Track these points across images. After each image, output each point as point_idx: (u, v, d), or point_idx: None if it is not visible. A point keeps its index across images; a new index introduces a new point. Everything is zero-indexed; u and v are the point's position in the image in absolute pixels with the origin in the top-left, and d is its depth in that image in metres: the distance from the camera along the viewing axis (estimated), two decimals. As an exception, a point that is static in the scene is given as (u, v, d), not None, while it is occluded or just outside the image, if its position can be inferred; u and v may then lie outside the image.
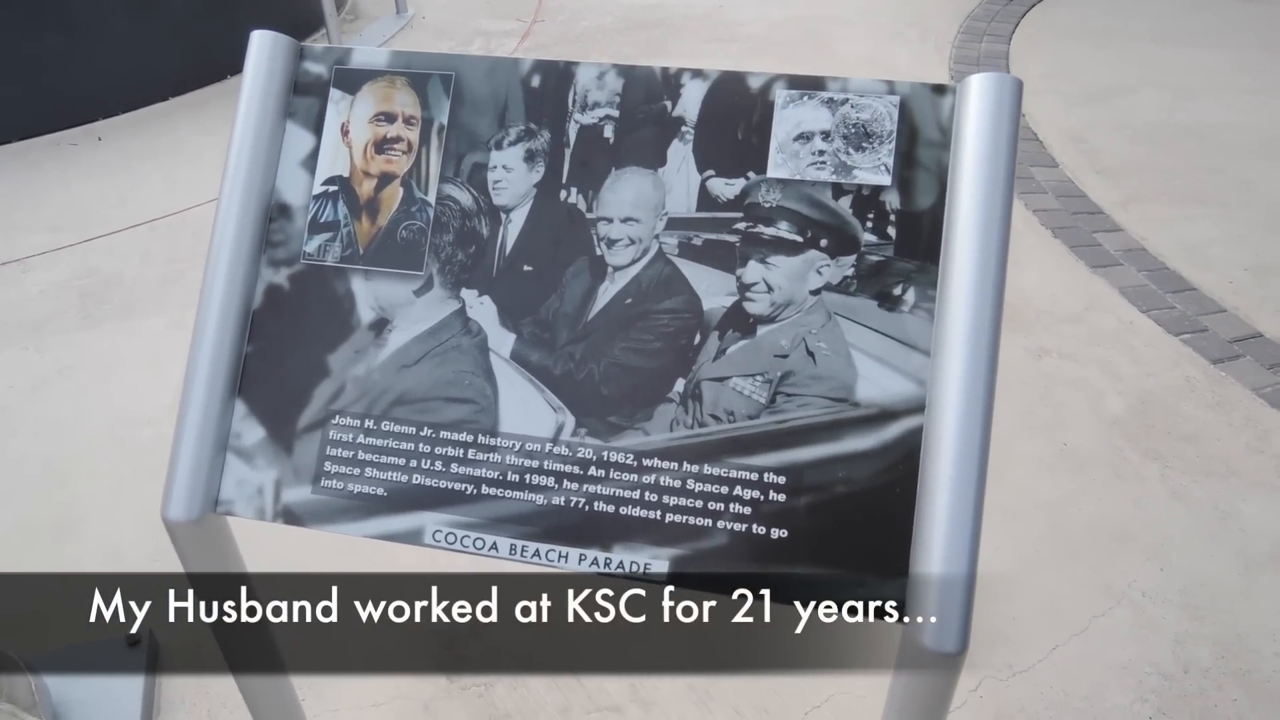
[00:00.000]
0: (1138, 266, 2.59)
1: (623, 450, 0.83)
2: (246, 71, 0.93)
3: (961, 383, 0.74)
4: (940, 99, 0.82)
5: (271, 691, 1.08)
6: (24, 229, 2.80)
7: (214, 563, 0.92)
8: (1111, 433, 1.99)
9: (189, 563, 0.91)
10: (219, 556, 0.92)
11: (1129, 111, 3.50)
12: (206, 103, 3.65)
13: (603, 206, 0.86)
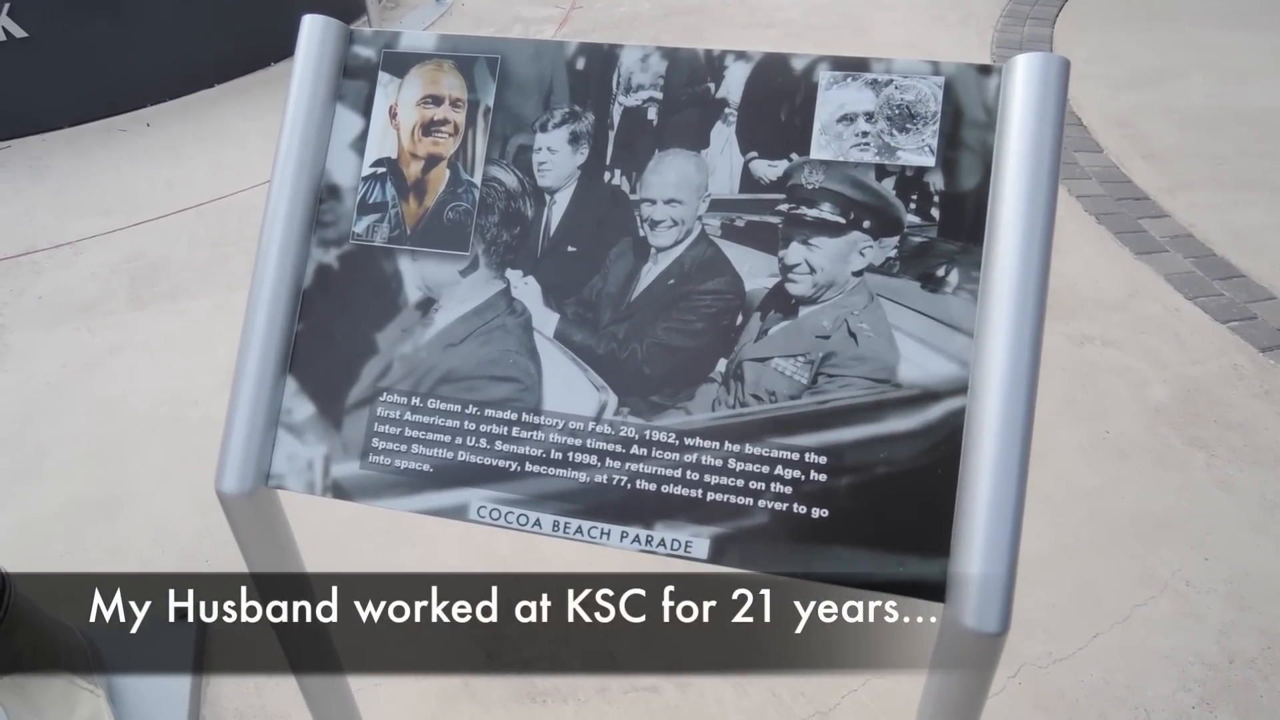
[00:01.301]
0: (1184, 253, 2.54)
1: (665, 429, 0.84)
2: (298, 55, 0.94)
3: (1005, 364, 0.73)
4: (986, 79, 0.82)
5: (319, 663, 1.11)
6: (76, 213, 2.87)
7: (264, 536, 0.94)
8: (1155, 421, 1.96)
9: (241, 535, 0.94)
10: (269, 530, 0.95)
11: (1176, 96, 3.42)
12: (251, 89, 3.70)
13: (646, 188, 0.87)
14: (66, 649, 1.33)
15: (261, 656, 1.56)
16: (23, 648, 1.23)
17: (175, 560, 1.72)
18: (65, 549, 1.75)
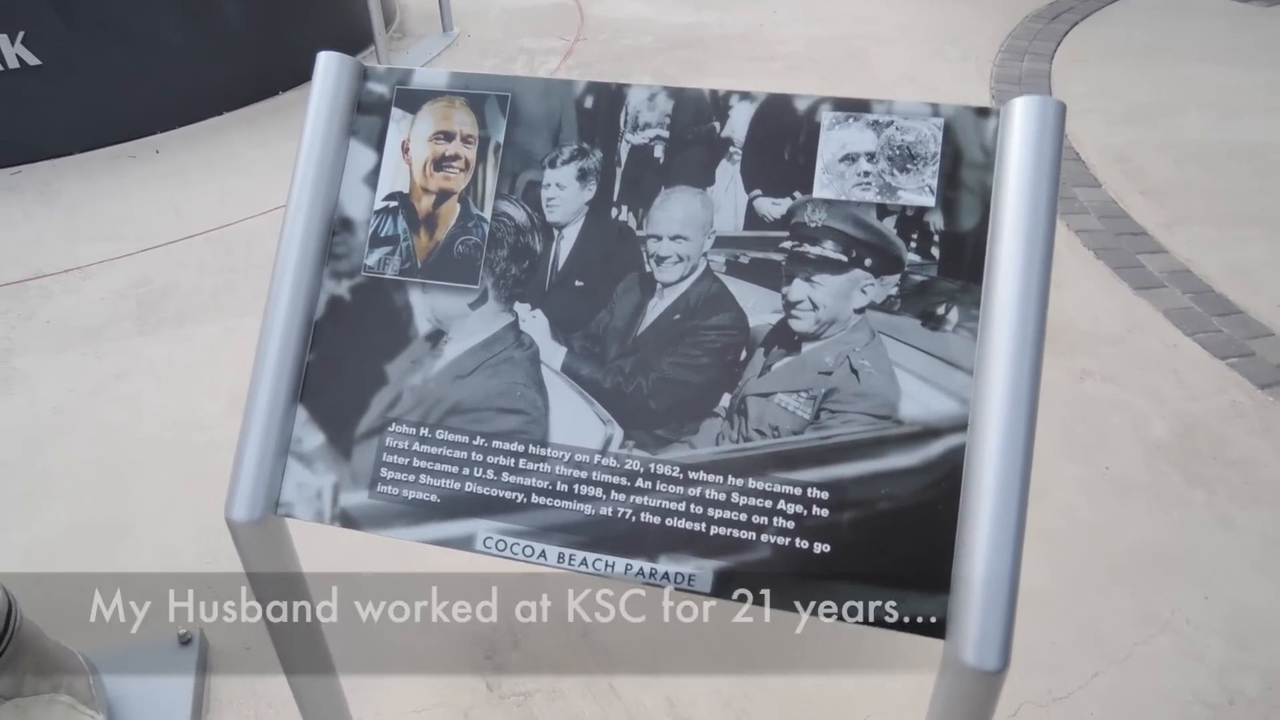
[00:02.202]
0: (1182, 289, 2.56)
1: (669, 463, 0.85)
2: (313, 91, 0.97)
3: (1004, 401, 0.75)
4: (984, 121, 0.84)
5: (321, 691, 1.11)
6: (85, 238, 2.90)
7: (272, 563, 0.95)
8: (1155, 457, 1.97)
9: (249, 562, 0.94)
10: (277, 557, 0.95)
11: (1174, 131, 3.46)
12: (259, 117, 3.75)
13: (652, 224, 0.89)
14: (69, 673, 1.33)
15: (262, 683, 1.56)
16: (27, 671, 1.23)
17: (179, 584, 1.73)
18: (70, 572, 1.75)
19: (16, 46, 3.23)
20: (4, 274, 2.73)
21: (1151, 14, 4.75)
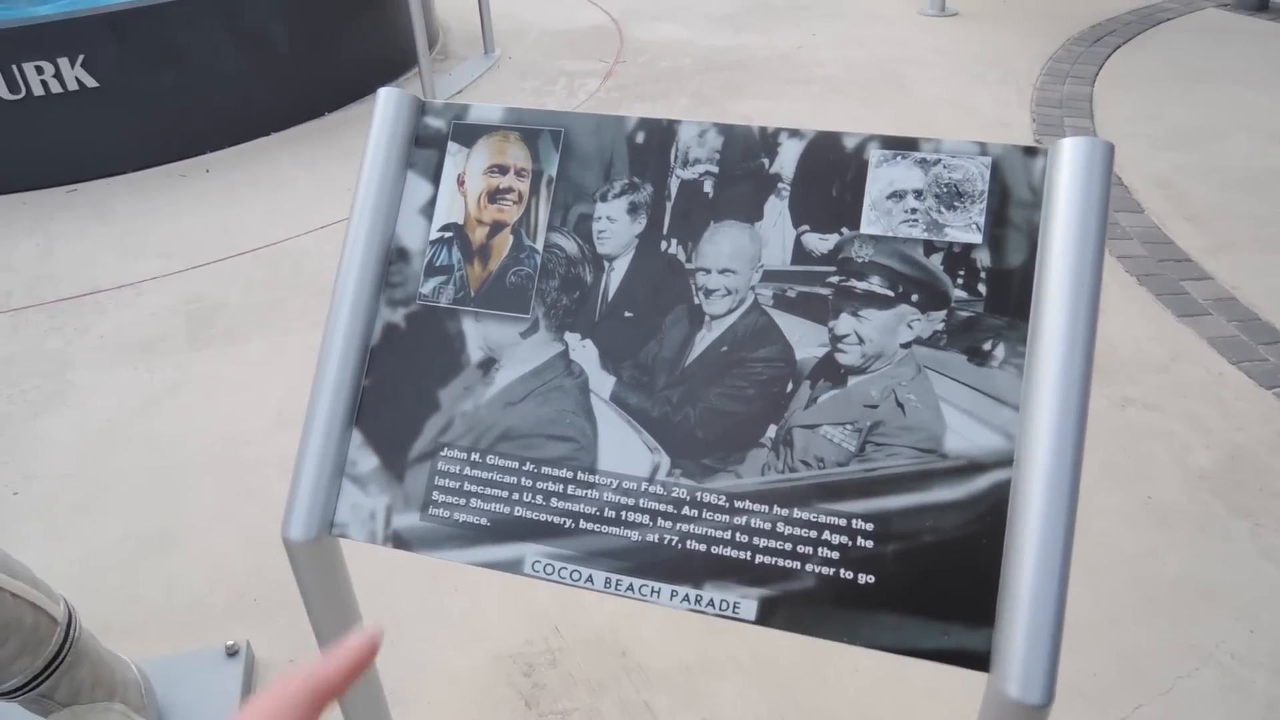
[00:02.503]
0: (1228, 316, 2.53)
1: (715, 491, 0.86)
2: (373, 125, 1.00)
3: (1050, 439, 0.76)
4: (1032, 160, 0.85)
5: (367, 707, 1.13)
6: (137, 254, 2.98)
7: (325, 581, 0.98)
8: (1198, 487, 1.95)
9: (303, 580, 0.97)
10: (330, 576, 0.98)
11: (1219, 156, 3.43)
12: (306, 138, 3.83)
13: (701, 258, 0.91)
14: (124, 683, 1.37)
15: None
16: (84, 680, 1.27)
17: (225, 596, 1.77)
18: (121, 582, 1.80)
19: (76, 69, 3.35)
20: (60, 289, 2.82)
21: (1195, 38, 4.71)
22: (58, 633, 1.23)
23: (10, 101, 3.31)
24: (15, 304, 2.75)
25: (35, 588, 1.21)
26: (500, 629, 1.69)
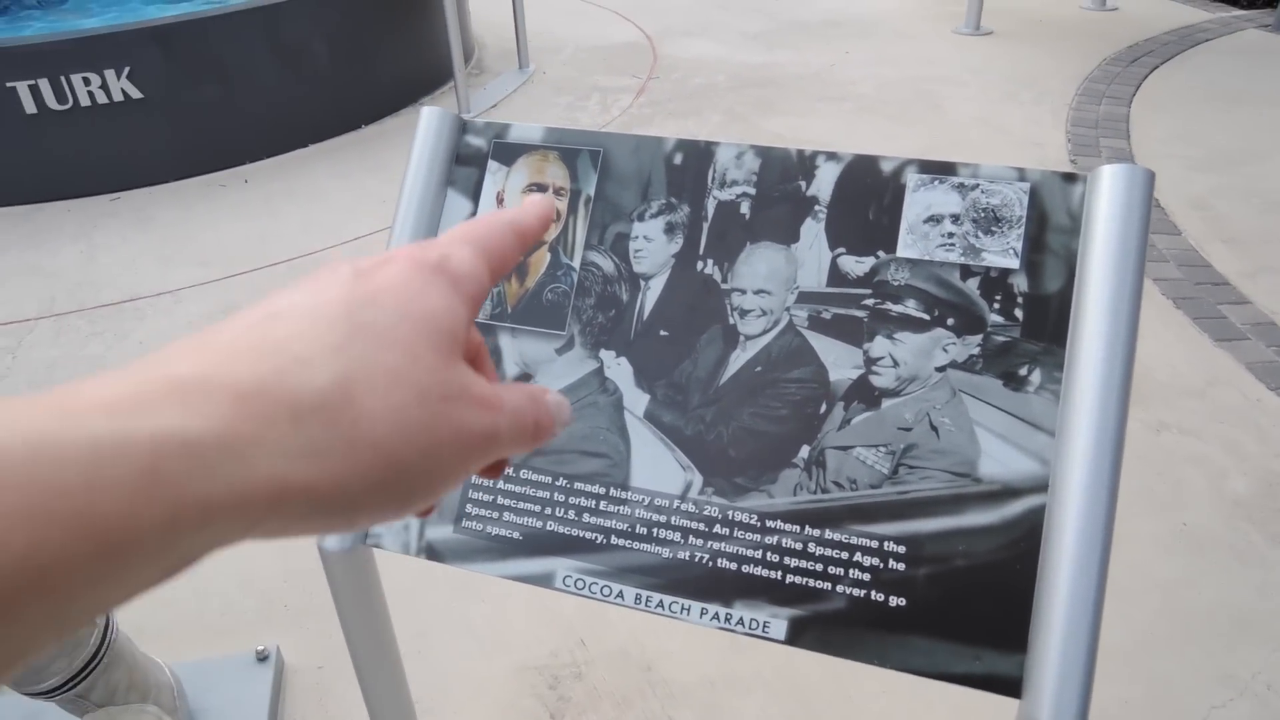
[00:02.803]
0: (1266, 341, 2.50)
1: (747, 510, 0.87)
2: (415, 142, 1.02)
3: (1086, 466, 0.75)
4: (1070, 187, 0.85)
5: (395, 716, 1.15)
6: (177, 263, 3.04)
7: (359, 591, 0.99)
8: (1234, 514, 1.92)
9: (338, 590, 0.99)
10: (364, 586, 1.00)
11: (1257, 178, 3.38)
12: (342, 149, 3.89)
13: (737, 278, 0.92)
14: (157, 685, 1.39)
15: (333, 702, 1.60)
16: (119, 681, 1.29)
17: (257, 602, 1.79)
18: (154, 587, 1.83)
19: (122, 81, 3.43)
20: (102, 295, 2.88)
21: (1235, 59, 4.66)
22: (95, 635, 1.25)
23: (58, 111, 3.39)
24: (58, 309, 2.81)
25: None
26: (526, 640, 1.70)
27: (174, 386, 0.25)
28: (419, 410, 0.29)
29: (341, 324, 0.29)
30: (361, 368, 0.28)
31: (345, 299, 0.30)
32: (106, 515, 0.22)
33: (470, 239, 0.35)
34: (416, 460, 0.29)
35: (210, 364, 0.26)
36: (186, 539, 0.24)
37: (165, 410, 0.24)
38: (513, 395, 0.33)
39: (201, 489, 0.24)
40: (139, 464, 0.23)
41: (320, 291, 0.30)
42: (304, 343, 0.28)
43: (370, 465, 0.27)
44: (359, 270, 0.31)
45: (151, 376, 0.25)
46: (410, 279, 0.31)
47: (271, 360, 0.27)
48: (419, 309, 0.30)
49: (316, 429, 0.26)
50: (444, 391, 0.30)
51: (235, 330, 0.28)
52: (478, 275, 0.34)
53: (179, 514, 0.24)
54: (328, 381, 0.27)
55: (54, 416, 0.23)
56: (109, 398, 0.24)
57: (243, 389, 0.26)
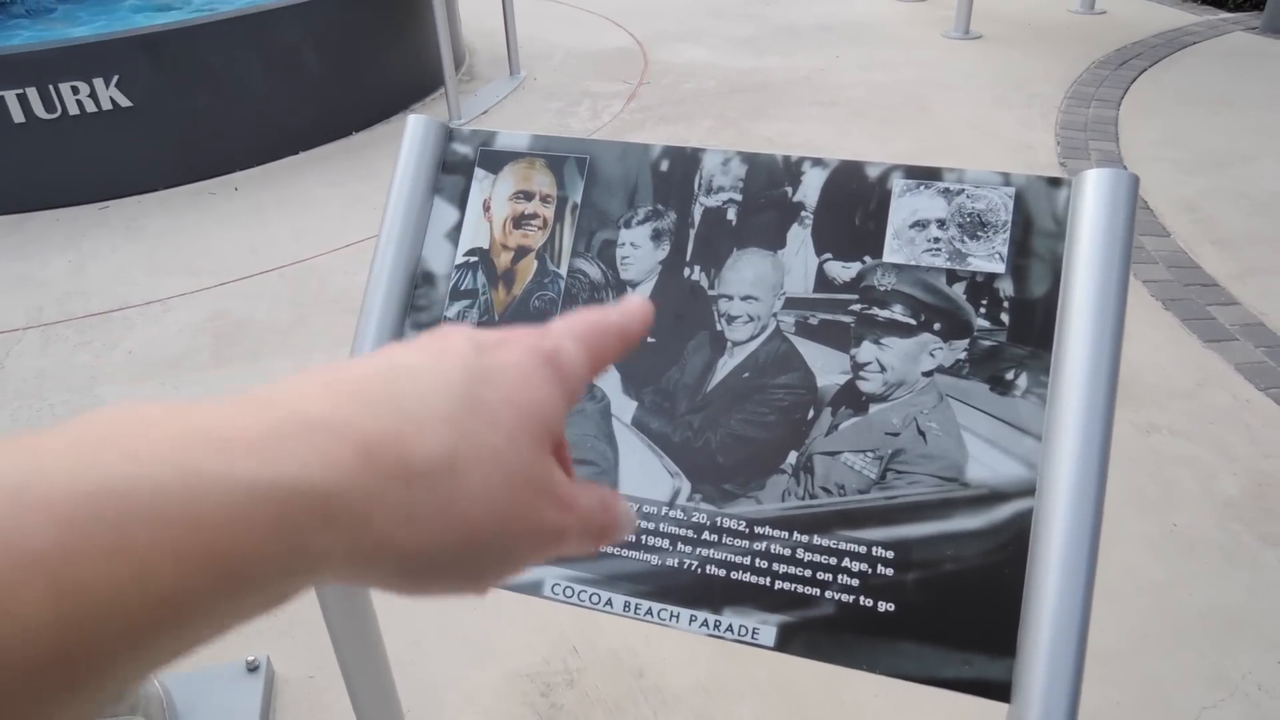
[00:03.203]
0: (1255, 342, 2.51)
1: (735, 517, 0.87)
2: (401, 150, 1.02)
3: (1073, 469, 0.75)
4: (1055, 191, 0.85)
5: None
6: (166, 271, 3.03)
7: (348, 600, 0.99)
8: (1225, 515, 1.93)
9: (325, 598, 0.98)
10: (352, 595, 0.99)
11: (1246, 180, 3.40)
12: (332, 157, 3.89)
13: (724, 284, 0.92)
14: (145, 696, 1.38)
15: (324, 711, 1.60)
16: (107, 695, 1.29)
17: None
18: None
19: (110, 89, 3.42)
20: (91, 304, 2.86)
21: (1223, 62, 4.69)
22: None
23: (46, 120, 3.38)
24: (46, 319, 2.80)
25: None
26: (518, 648, 1.69)
27: (308, 428, 0.26)
28: (509, 495, 0.30)
29: (458, 396, 0.30)
30: (468, 443, 0.29)
31: (464, 372, 0.31)
32: (240, 557, 0.23)
33: (581, 336, 0.36)
34: (495, 542, 0.30)
35: (340, 408, 0.27)
36: (294, 581, 0.26)
37: (300, 453, 0.25)
38: (588, 498, 0.34)
39: (321, 540, 0.25)
40: (274, 511, 0.24)
41: (441, 358, 0.31)
42: (423, 407, 0.29)
43: (456, 538, 0.29)
44: (479, 345, 0.32)
45: (288, 414, 0.26)
46: (523, 365, 0.32)
47: (393, 417, 0.28)
48: (526, 398, 0.32)
49: (421, 495, 0.28)
50: (532, 482, 0.31)
51: (362, 376, 0.29)
52: (582, 376, 0.35)
53: (296, 561, 0.25)
54: (438, 451, 0.28)
55: (206, 451, 0.24)
56: (252, 435, 0.25)
57: (367, 440, 0.27)
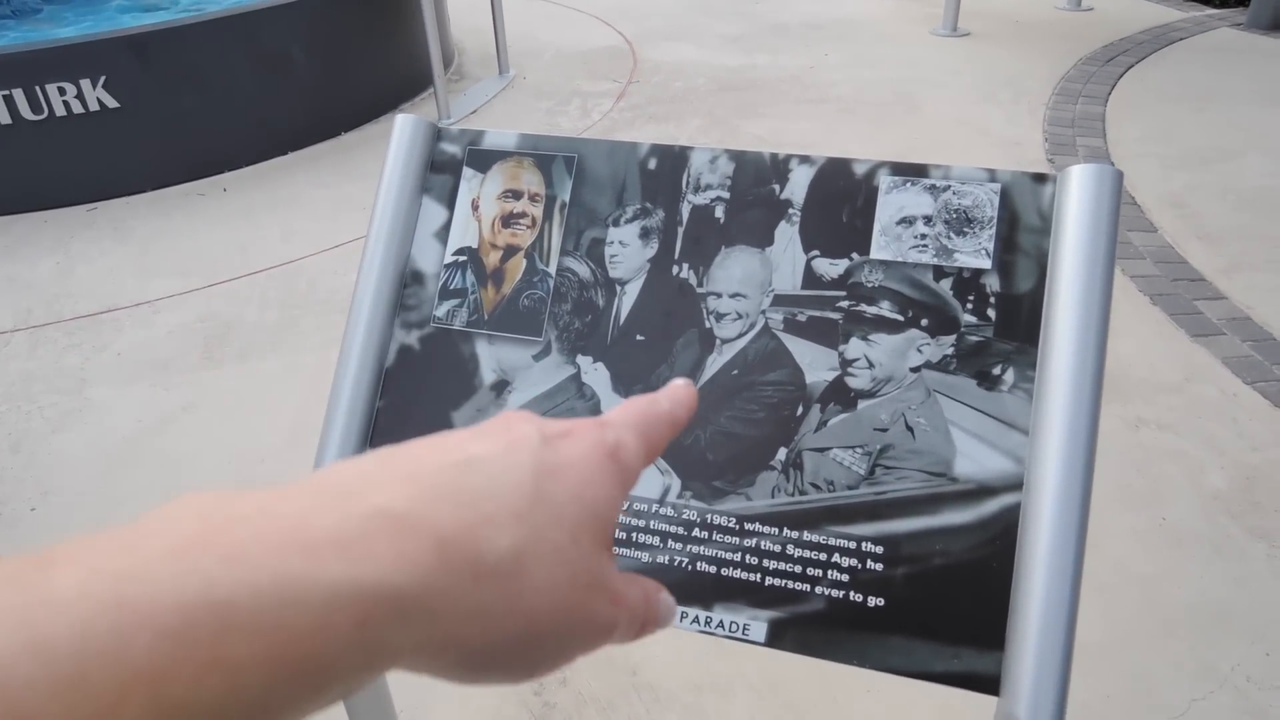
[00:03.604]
0: (1242, 336, 2.52)
1: (725, 514, 0.87)
2: (389, 151, 1.02)
3: (1060, 463, 0.76)
4: (1041, 187, 0.86)
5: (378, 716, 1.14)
6: (155, 273, 3.02)
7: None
8: (1213, 508, 1.94)
9: (317, 600, 0.98)
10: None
11: (1232, 175, 3.42)
12: (321, 158, 3.87)
13: (712, 282, 0.92)
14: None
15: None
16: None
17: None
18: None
19: (98, 90, 3.40)
20: (79, 306, 2.85)
21: (1209, 58, 4.71)
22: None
23: (33, 122, 3.36)
24: (35, 321, 2.78)
25: None
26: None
27: (390, 525, 0.27)
28: (569, 592, 0.31)
29: (527, 491, 0.30)
30: (535, 541, 0.30)
31: (533, 466, 0.31)
32: (324, 659, 0.24)
33: (639, 428, 0.37)
34: (553, 636, 0.31)
35: (418, 503, 0.28)
36: (366, 676, 0.26)
37: (382, 552, 0.26)
38: (633, 592, 0.35)
39: (397, 640, 0.26)
40: (357, 613, 0.25)
41: (511, 451, 0.31)
42: (494, 502, 0.29)
43: (518, 633, 0.29)
44: (546, 436, 0.33)
45: (370, 510, 0.27)
46: (588, 459, 0.33)
47: (467, 512, 0.29)
48: (590, 494, 0.32)
49: (489, 592, 0.28)
50: (590, 579, 0.32)
51: (436, 466, 0.30)
52: (639, 469, 0.36)
53: (373, 658, 0.26)
54: (508, 548, 0.29)
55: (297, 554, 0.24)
56: (338, 534, 0.26)
57: (443, 536, 0.27)
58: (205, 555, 0.23)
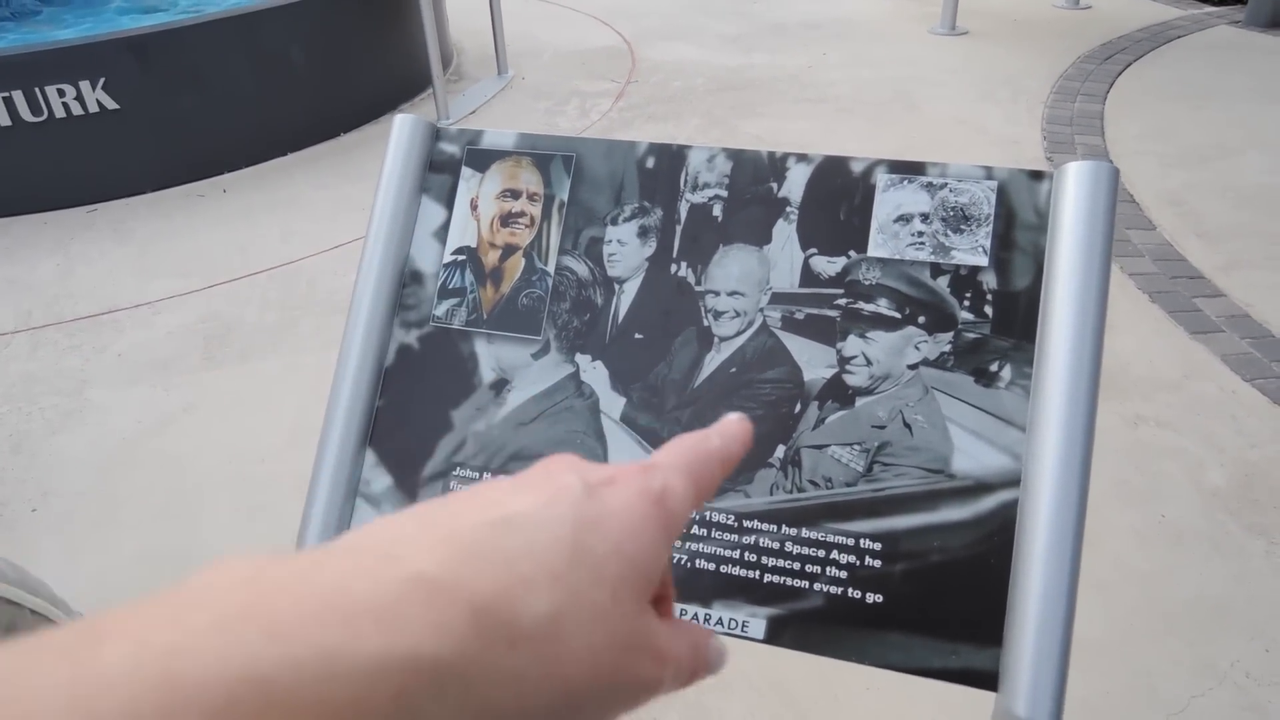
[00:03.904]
0: (1241, 333, 2.52)
1: (724, 511, 0.87)
2: (388, 151, 1.02)
3: (1057, 459, 0.76)
4: (1037, 184, 0.86)
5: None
6: (155, 274, 3.02)
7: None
8: (1212, 505, 1.94)
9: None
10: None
11: (1231, 173, 3.42)
12: (321, 158, 3.88)
13: (710, 280, 0.92)
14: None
15: None
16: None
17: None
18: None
19: (97, 92, 3.40)
20: (80, 307, 2.85)
21: (1207, 55, 4.71)
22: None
23: (32, 124, 3.37)
24: (35, 322, 2.79)
25: (55, 605, 1.22)
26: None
27: (424, 590, 0.26)
28: (608, 654, 0.30)
29: (566, 547, 0.29)
30: (574, 603, 0.29)
31: (574, 520, 0.30)
32: None
33: (688, 469, 0.35)
34: (590, 698, 0.30)
35: (453, 565, 0.27)
36: None
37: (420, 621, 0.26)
38: (679, 643, 0.34)
39: (433, 708, 0.25)
40: (394, 686, 0.24)
41: (551, 504, 0.30)
42: (531, 563, 0.29)
43: (554, 698, 0.28)
44: (588, 485, 0.32)
45: (409, 575, 0.26)
46: (632, 509, 0.32)
47: (503, 574, 0.28)
48: (632, 548, 0.31)
49: (525, 658, 0.27)
50: (631, 640, 0.31)
51: (473, 524, 0.29)
52: (687, 514, 0.34)
53: None
54: (545, 613, 0.28)
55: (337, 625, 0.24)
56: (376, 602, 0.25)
57: (479, 602, 0.27)
58: (248, 627, 0.23)
